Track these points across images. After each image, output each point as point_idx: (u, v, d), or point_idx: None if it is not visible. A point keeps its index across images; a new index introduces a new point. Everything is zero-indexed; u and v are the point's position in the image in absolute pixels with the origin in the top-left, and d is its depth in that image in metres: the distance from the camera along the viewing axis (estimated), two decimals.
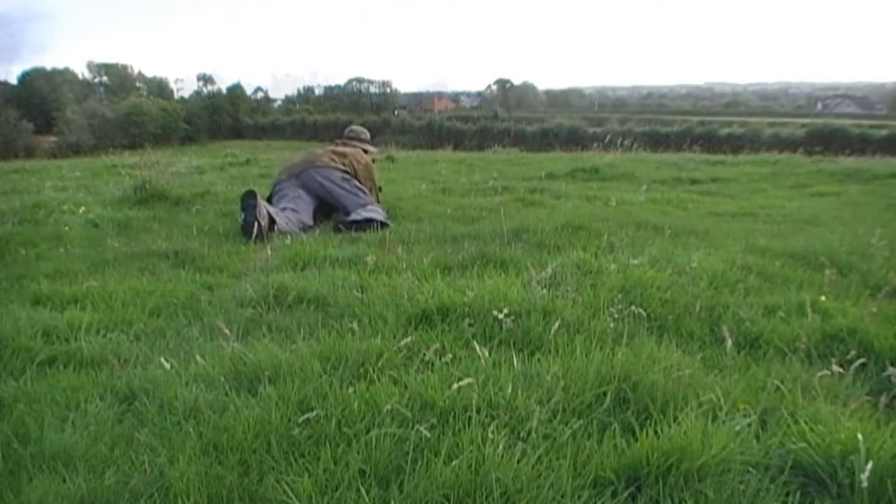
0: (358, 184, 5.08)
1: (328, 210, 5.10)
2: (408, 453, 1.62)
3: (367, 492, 1.50)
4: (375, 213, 4.79)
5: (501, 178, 7.59)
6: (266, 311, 2.75)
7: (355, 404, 1.82)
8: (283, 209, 4.73)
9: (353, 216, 4.71)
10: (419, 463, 1.59)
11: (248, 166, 10.09)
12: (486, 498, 1.47)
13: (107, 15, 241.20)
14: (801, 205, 6.36)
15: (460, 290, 2.70)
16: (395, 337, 2.30)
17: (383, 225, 4.64)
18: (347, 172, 5.09)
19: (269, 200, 4.87)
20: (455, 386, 1.83)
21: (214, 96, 69.63)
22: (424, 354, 2.10)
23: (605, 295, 2.70)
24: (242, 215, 4.33)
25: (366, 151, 5.54)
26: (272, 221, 4.41)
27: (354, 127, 5.86)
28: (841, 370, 1.99)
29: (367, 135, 5.77)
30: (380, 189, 5.51)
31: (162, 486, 1.57)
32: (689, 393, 1.86)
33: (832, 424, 1.68)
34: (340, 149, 5.35)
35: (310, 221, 4.83)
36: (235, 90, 70.25)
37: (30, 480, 1.61)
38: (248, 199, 4.34)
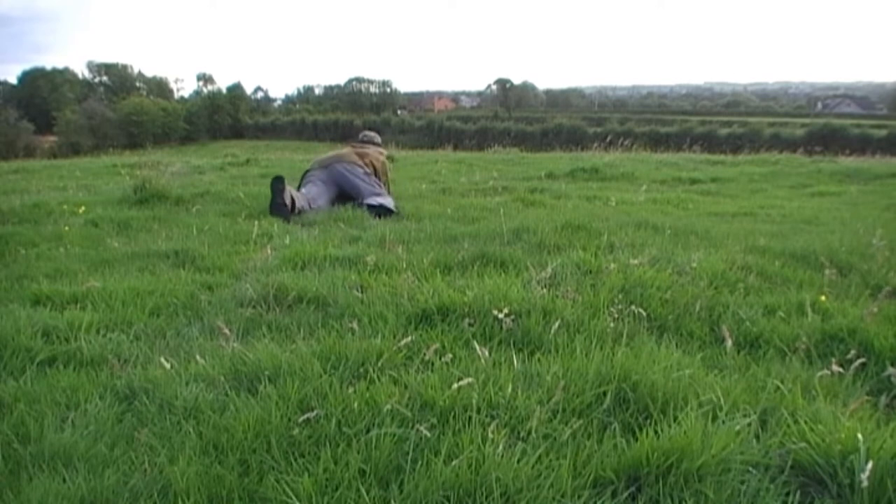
0: (376, 179, 5.86)
1: (346, 199, 5.73)
2: (408, 453, 1.62)
3: (367, 492, 1.50)
4: (387, 201, 5.45)
5: (501, 178, 7.60)
6: (266, 311, 2.75)
7: (355, 404, 1.82)
8: (307, 194, 5.51)
9: (369, 200, 5.39)
10: (419, 463, 1.59)
11: (248, 166, 10.08)
12: (486, 498, 1.47)
13: (107, 15, 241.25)
14: (801, 205, 6.35)
15: (460, 290, 2.70)
16: (395, 337, 2.29)
17: (392, 213, 5.22)
18: (368, 169, 5.88)
19: (297, 187, 5.67)
20: (455, 386, 1.83)
21: (214, 96, 69.84)
22: (424, 354, 2.10)
23: (605, 295, 2.70)
24: (272, 197, 5.10)
25: (380, 153, 6.36)
26: (293, 203, 5.18)
27: (368, 132, 6.80)
28: (841, 370, 1.99)
29: (378, 139, 6.70)
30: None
31: (162, 486, 1.57)
32: (689, 393, 1.86)
33: (832, 424, 1.68)
34: (360, 150, 6.13)
35: (325, 206, 5.50)
36: (235, 90, 70.43)
37: (30, 480, 1.61)
38: (277, 184, 5.11)
